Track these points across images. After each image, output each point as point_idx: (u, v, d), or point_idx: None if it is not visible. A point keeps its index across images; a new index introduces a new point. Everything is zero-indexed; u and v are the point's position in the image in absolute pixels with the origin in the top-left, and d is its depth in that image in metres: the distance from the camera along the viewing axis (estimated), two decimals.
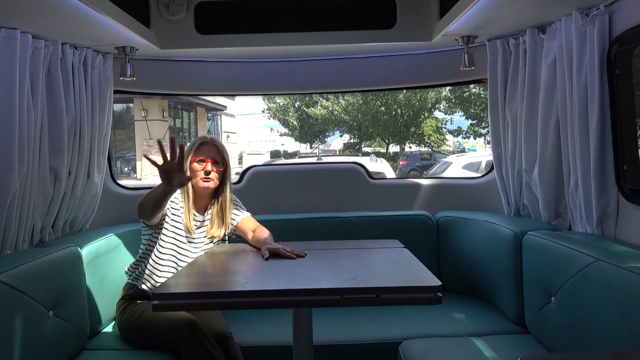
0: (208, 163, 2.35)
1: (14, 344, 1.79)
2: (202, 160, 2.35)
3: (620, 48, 2.05)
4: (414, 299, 1.61)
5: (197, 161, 2.35)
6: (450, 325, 2.46)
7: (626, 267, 1.70)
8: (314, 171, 3.33)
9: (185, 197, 2.38)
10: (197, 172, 2.35)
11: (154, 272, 2.33)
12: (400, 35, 2.70)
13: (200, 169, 2.35)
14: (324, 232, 2.96)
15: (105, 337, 2.40)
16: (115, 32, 2.30)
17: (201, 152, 2.36)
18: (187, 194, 2.38)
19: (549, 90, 2.43)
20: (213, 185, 2.37)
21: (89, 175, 2.66)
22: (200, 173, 2.34)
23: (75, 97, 2.48)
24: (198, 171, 2.35)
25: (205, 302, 1.63)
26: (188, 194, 2.38)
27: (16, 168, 2.12)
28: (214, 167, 2.36)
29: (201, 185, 2.35)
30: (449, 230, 2.97)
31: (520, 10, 2.21)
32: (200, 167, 2.35)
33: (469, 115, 22.12)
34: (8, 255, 2.13)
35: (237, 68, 3.11)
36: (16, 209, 2.18)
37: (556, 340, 2.07)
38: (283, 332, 2.34)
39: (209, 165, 2.35)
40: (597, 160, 2.15)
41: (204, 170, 2.34)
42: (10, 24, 2.07)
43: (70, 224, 2.66)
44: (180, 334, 2.08)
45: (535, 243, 2.27)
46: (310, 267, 1.87)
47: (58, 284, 2.08)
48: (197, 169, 2.35)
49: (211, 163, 2.35)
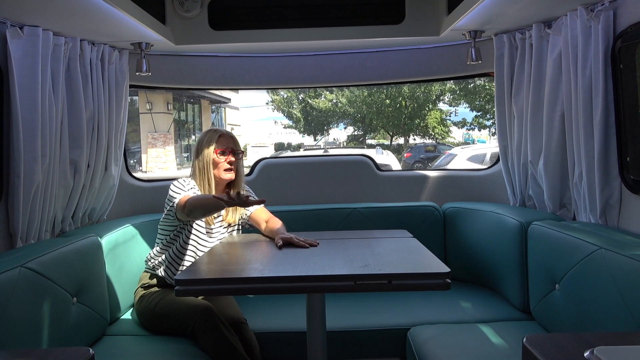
0: (230, 154, 2.44)
1: (42, 328, 1.87)
2: (224, 152, 2.44)
3: (625, 43, 2.10)
4: (423, 285, 1.68)
5: (220, 152, 2.43)
6: (457, 312, 2.54)
7: (628, 255, 1.76)
8: (323, 163, 3.40)
9: (206, 189, 2.43)
10: (219, 164, 2.43)
11: (176, 260, 2.41)
12: (409, 30, 2.75)
13: (223, 160, 2.43)
14: (333, 223, 3.04)
15: (124, 323, 2.49)
16: (132, 29, 2.37)
17: (221, 144, 2.44)
18: (209, 186, 2.44)
19: (554, 84, 2.49)
20: (234, 176, 2.46)
21: (107, 167, 2.74)
22: (224, 164, 2.43)
23: (93, 92, 2.56)
24: (221, 162, 2.43)
25: (225, 288, 1.72)
26: (210, 185, 2.44)
27: (39, 161, 2.20)
28: (234, 157, 2.45)
29: (224, 177, 2.43)
30: (455, 220, 3.04)
31: (526, 5, 2.26)
32: (223, 158, 2.43)
33: (474, 107, 22.08)
34: (33, 244, 2.22)
35: (248, 63, 3.18)
36: (39, 201, 2.26)
37: (560, 326, 2.14)
38: (296, 318, 2.43)
39: (231, 156, 2.44)
40: (601, 152, 2.21)
41: (227, 161, 2.43)
42: (32, 22, 2.15)
43: (89, 215, 2.75)
44: (198, 319, 2.17)
45: (540, 233, 2.33)
46: (323, 255, 1.95)
47: (81, 271, 2.17)
48: (219, 161, 2.43)
49: (231, 154, 2.44)
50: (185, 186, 2.38)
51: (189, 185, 2.40)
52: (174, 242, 2.44)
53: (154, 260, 2.48)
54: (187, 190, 2.35)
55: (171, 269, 2.42)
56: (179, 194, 2.32)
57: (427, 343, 2.17)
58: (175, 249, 2.43)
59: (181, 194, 2.31)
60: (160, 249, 2.48)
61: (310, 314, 1.94)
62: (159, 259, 2.47)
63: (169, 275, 2.43)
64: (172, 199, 2.34)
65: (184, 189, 2.35)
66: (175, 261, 2.42)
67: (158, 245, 2.50)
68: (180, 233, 2.43)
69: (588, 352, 1.06)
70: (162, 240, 2.48)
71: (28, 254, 1.94)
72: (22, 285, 1.78)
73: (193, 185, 2.42)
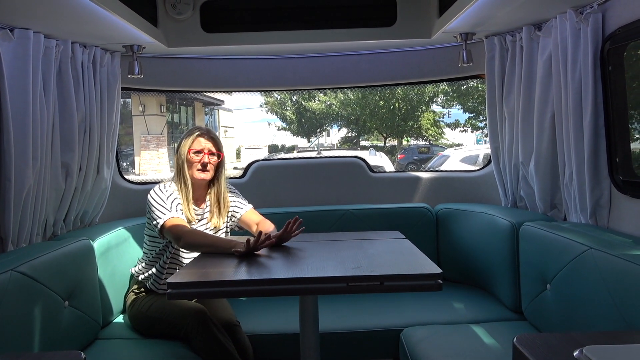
0: (205, 155, 2.40)
1: (33, 333, 1.86)
2: (199, 152, 2.40)
3: (613, 45, 2.13)
4: (415, 286, 1.70)
5: (194, 152, 2.40)
6: (450, 313, 2.55)
7: (617, 255, 1.78)
8: (316, 165, 3.40)
9: (183, 189, 2.39)
10: (193, 164, 2.40)
11: (164, 275, 2.41)
12: (401, 32, 2.77)
13: (197, 161, 2.39)
14: (326, 225, 3.05)
15: (116, 327, 2.48)
16: (124, 31, 2.36)
17: (198, 144, 2.41)
18: (185, 186, 2.39)
19: (544, 86, 2.51)
20: (209, 177, 2.42)
21: (99, 170, 2.73)
22: (197, 164, 2.39)
23: (85, 95, 2.55)
24: (195, 162, 2.39)
25: (217, 290, 1.72)
26: (187, 185, 2.39)
27: (30, 164, 2.19)
28: (210, 158, 2.41)
29: (197, 176, 2.39)
30: (448, 221, 3.05)
31: (517, 8, 2.28)
32: (197, 159, 2.39)
33: (467, 108, 22.17)
34: (24, 248, 2.21)
35: (241, 65, 3.18)
36: (30, 204, 2.25)
37: (551, 326, 2.16)
38: (289, 321, 2.43)
39: (205, 157, 2.40)
40: (591, 153, 2.23)
41: (201, 162, 2.39)
42: (23, 24, 2.14)
43: (81, 218, 2.74)
44: (191, 322, 2.16)
45: (532, 233, 2.35)
46: (316, 257, 1.96)
47: (73, 275, 2.16)
48: (194, 160, 2.39)
49: (208, 155, 2.40)
50: (165, 196, 2.31)
51: (168, 192, 2.34)
52: (160, 257, 2.43)
53: (141, 273, 2.47)
54: (170, 205, 2.28)
55: (159, 282, 2.42)
56: (164, 213, 2.26)
57: (420, 344, 2.18)
58: (163, 262, 2.42)
59: (166, 215, 2.25)
60: (146, 264, 2.46)
61: (303, 316, 1.94)
62: (146, 273, 2.45)
63: (157, 288, 2.43)
64: (154, 218, 2.27)
65: (165, 205, 2.29)
66: (164, 275, 2.41)
67: (145, 260, 2.47)
68: (167, 248, 2.41)
69: (577, 352, 1.07)
70: (148, 254, 2.46)
71: (19, 257, 1.93)
72: (13, 289, 1.77)
73: (172, 191, 2.36)
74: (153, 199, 2.33)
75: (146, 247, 2.47)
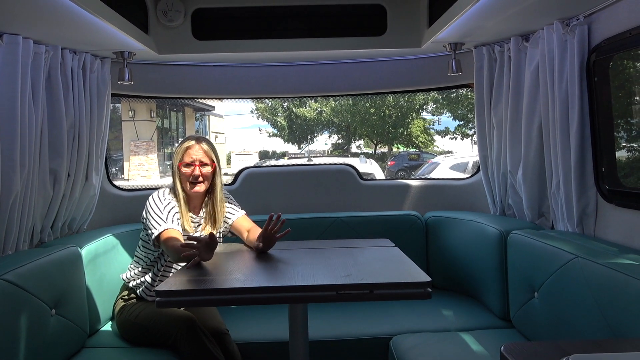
0: (196, 167, 2.33)
1: (19, 341, 1.84)
2: (189, 165, 2.33)
3: (599, 57, 2.17)
4: (405, 294, 1.70)
5: (184, 165, 2.34)
6: (439, 320, 2.56)
7: (603, 264, 1.81)
8: (307, 172, 3.41)
9: (181, 201, 2.36)
10: (185, 177, 2.33)
11: (157, 283, 2.38)
12: (391, 41, 2.79)
13: (188, 173, 2.33)
14: (316, 232, 3.05)
15: (104, 335, 2.46)
16: (114, 38, 2.36)
17: (188, 156, 2.34)
18: (180, 198, 2.35)
19: (532, 96, 2.55)
20: (203, 189, 2.36)
21: (87, 177, 2.71)
22: (189, 178, 2.33)
23: (75, 101, 2.54)
24: (186, 175, 2.33)
25: (206, 299, 1.71)
26: (180, 198, 2.35)
27: (18, 170, 2.17)
28: (202, 169, 2.34)
29: (189, 191, 2.34)
30: (437, 229, 3.07)
31: (505, 19, 2.32)
32: (188, 171, 2.33)
33: (457, 116, 22.36)
34: (10, 255, 2.18)
35: (232, 72, 3.18)
36: (17, 211, 2.23)
37: (539, 333, 2.18)
38: (278, 328, 2.43)
39: (197, 170, 2.32)
40: (577, 163, 2.27)
41: (192, 174, 2.32)
42: (12, 29, 2.13)
43: (69, 225, 2.71)
44: (179, 330, 2.15)
45: (520, 241, 2.37)
46: (306, 265, 1.95)
47: (60, 283, 2.14)
48: (185, 174, 2.33)
49: (199, 167, 2.33)
50: (163, 205, 2.29)
51: (167, 201, 2.32)
52: (154, 264, 2.41)
53: (132, 280, 2.45)
54: (167, 215, 2.26)
55: (150, 289, 2.41)
56: (159, 224, 2.23)
57: (409, 352, 2.19)
58: (157, 269, 2.40)
59: (162, 226, 2.22)
60: (140, 271, 2.44)
61: (293, 324, 1.94)
62: (138, 280, 2.43)
63: (147, 295, 2.41)
64: (150, 227, 2.25)
65: (162, 215, 2.26)
66: (156, 283, 2.39)
67: (137, 267, 2.45)
68: (162, 256, 2.40)
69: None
70: (141, 262, 2.44)
71: (5, 265, 1.91)
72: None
73: (170, 200, 2.34)
74: (151, 206, 2.30)
75: (140, 253, 2.45)
